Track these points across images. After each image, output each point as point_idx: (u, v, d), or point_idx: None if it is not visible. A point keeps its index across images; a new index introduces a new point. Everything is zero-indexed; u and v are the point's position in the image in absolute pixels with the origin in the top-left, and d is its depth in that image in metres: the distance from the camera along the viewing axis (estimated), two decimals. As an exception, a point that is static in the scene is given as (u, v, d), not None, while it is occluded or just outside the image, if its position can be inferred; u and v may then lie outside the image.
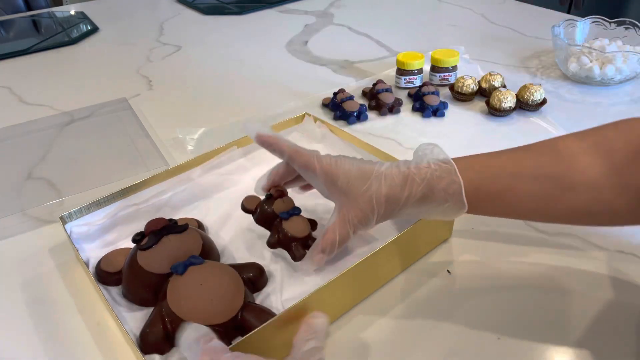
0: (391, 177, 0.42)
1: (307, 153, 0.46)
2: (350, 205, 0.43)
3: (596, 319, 0.45)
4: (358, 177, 0.43)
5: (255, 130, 0.47)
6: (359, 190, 0.43)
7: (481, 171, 0.42)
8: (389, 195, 0.42)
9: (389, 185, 0.42)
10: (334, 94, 0.79)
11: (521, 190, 0.41)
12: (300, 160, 0.46)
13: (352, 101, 0.76)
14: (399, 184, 0.42)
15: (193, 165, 0.60)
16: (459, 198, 0.41)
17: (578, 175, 0.41)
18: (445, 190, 0.41)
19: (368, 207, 0.43)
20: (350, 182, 0.43)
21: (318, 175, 0.44)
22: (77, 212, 0.53)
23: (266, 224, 0.49)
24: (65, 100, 0.85)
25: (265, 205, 0.49)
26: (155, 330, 0.42)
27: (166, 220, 0.49)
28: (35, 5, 1.52)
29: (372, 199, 0.42)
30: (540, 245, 0.53)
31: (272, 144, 0.47)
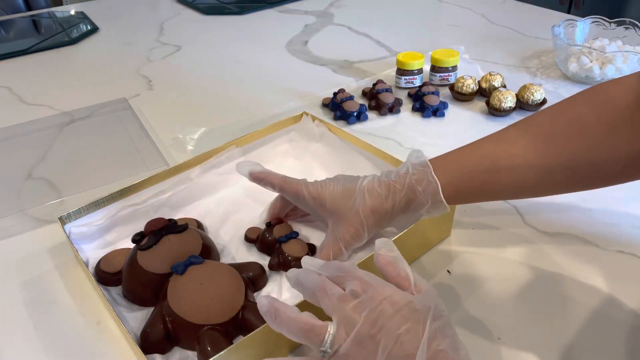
0: (374, 190, 0.45)
1: (295, 182, 0.49)
2: (340, 223, 0.46)
3: (596, 319, 0.45)
4: (343, 196, 0.46)
5: (248, 169, 0.51)
6: (345, 207, 0.46)
7: (457, 170, 0.44)
8: (374, 207, 0.45)
9: (374, 197, 0.45)
10: (334, 94, 0.79)
11: (498, 182, 0.44)
12: (289, 189, 0.49)
13: (352, 101, 0.76)
14: (383, 194, 0.45)
15: (192, 165, 0.59)
16: (437, 198, 0.44)
17: (554, 159, 0.42)
18: (424, 192, 0.44)
19: (357, 221, 0.45)
20: (336, 201, 0.46)
21: (307, 200, 0.48)
22: (76, 212, 0.53)
23: (268, 250, 0.52)
24: (65, 100, 0.85)
25: (266, 233, 0.52)
26: (155, 330, 0.42)
27: (166, 220, 0.49)
28: (35, 5, 1.52)
29: (360, 214, 0.45)
30: (540, 245, 0.53)
31: (264, 179, 0.51)
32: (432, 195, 0.44)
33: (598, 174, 0.43)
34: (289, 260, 0.49)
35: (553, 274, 0.49)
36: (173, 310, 0.42)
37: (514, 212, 0.57)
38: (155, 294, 0.45)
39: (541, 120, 0.45)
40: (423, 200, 0.44)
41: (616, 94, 0.43)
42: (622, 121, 0.41)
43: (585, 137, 0.42)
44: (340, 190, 0.46)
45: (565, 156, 0.42)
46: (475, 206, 0.58)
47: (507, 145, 0.44)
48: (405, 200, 0.44)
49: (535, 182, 0.44)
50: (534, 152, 0.43)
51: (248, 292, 0.45)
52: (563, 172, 0.43)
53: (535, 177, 0.43)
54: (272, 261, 0.50)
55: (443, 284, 0.49)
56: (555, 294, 0.47)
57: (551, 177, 0.43)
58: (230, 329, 0.42)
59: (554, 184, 0.44)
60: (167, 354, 0.42)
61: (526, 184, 0.44)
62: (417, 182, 0.44)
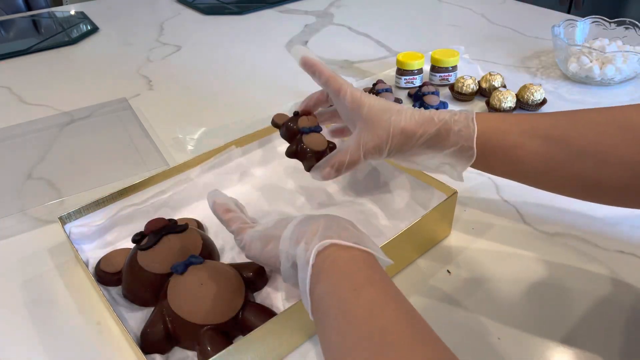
0: (411, 114, 0.45)
1: (342, 80, 0.48)
2: (368, 131, 0.46)
3: (596, 319, 0.45)
4: (381, 109, 0.46)
5: (301, 55, 0.50)
6: (379, 119, 0.46)
7: (496, 125, 0.43)
8: (405, 129, 0.45)
9: (408, 119, 0.45)
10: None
11: (530, 148, 0.42)
12: (334, 84, 0.48)
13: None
14: (418, 120, 0.45)
15: (192, 165, 0.60)
16: (469, 143, 0.43)
17: (590, 145, 0.41)
18: (458, 133, 0.44)
19: (384, 135, 0.45)
20: (373, 111, 0.46)
21: (347, 100, 0.47)
22: (76, 212, 0.53)
23: (289, 139, 0.51)
24: (65, 100, 0.85)
25: (291, 122, 0.52)
26: (155, 329, 0.42)
27: (166, 220, 0.49)
28: (35, 5, 1.52)
29: (389, 129, 0.45)
30: (541, 245, 0.53)
31: (314, 66, 0.49)
32: (466, 138, 0.43)
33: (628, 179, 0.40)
34: (305, 152, 0.48)
35: (553, 274, 0.49)
36: (173, 310, 0.42)
37: (514, 212, 0.57)
38: (155, 294, 0.45)
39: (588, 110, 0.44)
40: (453, 140, 0.44)
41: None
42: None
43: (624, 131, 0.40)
44: (382, 103, 0.47)
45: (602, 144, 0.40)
46: (475, 206, 0.58)
47: (550, 119, 0.43)
48: (435, 134, 0.44)
49: (564, 163, 0.42)
50: (573, 131, 0.42)
51: (248, 292, 0.45)
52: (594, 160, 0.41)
53: (567, 156, 0.41)
54: (289, 149, 0.50)
55: (443, 284, 0.49)
56: (555, 294, 0.47)
57: (582, 162, 0.41)
58: (230, 329, 0.42)
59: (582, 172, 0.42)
60: (167, 354, 0.42)
61: (556, 161, 0.42)
62: (455, 122, 0.44)
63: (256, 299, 0.47)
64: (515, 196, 0.59)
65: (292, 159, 0.50)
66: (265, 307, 0.44)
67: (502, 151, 0.43)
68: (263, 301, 0.46)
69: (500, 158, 0.44)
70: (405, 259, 0.50)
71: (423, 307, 0.46)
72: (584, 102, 0.80)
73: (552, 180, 0.44)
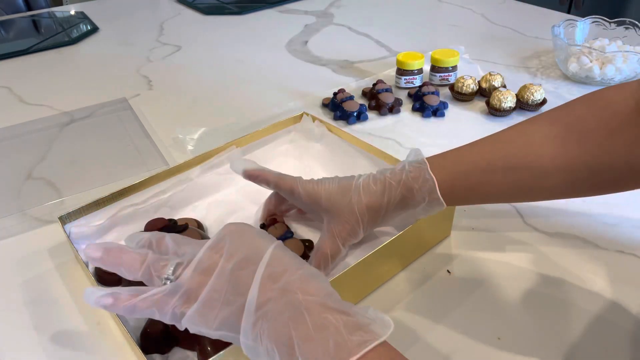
0: (369, 187, 0.45)
1: (290, 179, 0.49)
2: (336, 220, 0.46)
3: (596, 319, 0.45)
4: (338, 193, 0.46)
5: (242, 167, 0.50)
6: (340, 204, 0.45)
7: (454, 170, 0.44)
8: (369, 204, 0.45)
9: (369, 194, 0.45)
10: (334, 94, 0.79)
11: (495, 182, 0.44)
12: (284, 186, 0.48)
13: (352, 101, 0.76)
14: (378, 191, 0.45)
15: (192, 165, 0.59)
16: (434, 196, 0.44)
17: (551, 162, 0.42)
18: (420, 190, 0.44)
19: (352, 218, 0.45)
20: (332, 198, 0.46)
21: (302, 197, 0.47)
22: (76, 212, 0.53)
23: None
24: (65, 100, 0.85)
25: None
26: (155, 330, 0.42)
27: (166, 220, 0.49)
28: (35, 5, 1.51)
29: (355, 211, 0.45)
30: (540, 245, 0.53)
31: (258, 177, 0.50)
32: (429, 192, 0.44)
33: (595, 180, 0.42)
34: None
35: (553, 274, 0.49)
36: (173, 310, 0.42)
37: (514, 213, 0.57)
38: (155, 294, 0.45)
39: (540, 122, 0.44)
40: (419, 198, 0.44)
41: (616, 99, 0.42)
42: (622, 126, 0.41)
43: (584, 141, 0.41)
44: (336, 187, 0.46)
45: (563, 159, 0.42)
46: (476, 206, 0.58)
47: (503, 146, 0.44)
48: (400, 198, 0.44)
49: (531, 184, 0.43)
50: (531, 155, 0.43)
51: (248, 292, 0.45)
52: (560, 175, 0.42)
53: (531, 179, 0.43)
54: None
55: (443, 284, 0.49)
56: (555, 294, 0.47)
57: (547, 180, 0.43)
58: (230, 329, 0.42)
59: (550, 188, 0.44)
60: (167, 354, 0.42)
61: (522, 186, 0.43)
62: (413, 179, 0.44)
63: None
64: (515, 196, 0.59)
65: None
66: (265, 307, 0.44)
67: (469, 191, 0.44)
68: (263, 301, 0.46)
69: (470, 197, 0.45)
70: (405, 259, 0.50)
71: (423, 307, 0.46)
72: (584, 102, 0.80)
73: (523, 197, 0.47)
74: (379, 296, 0.48)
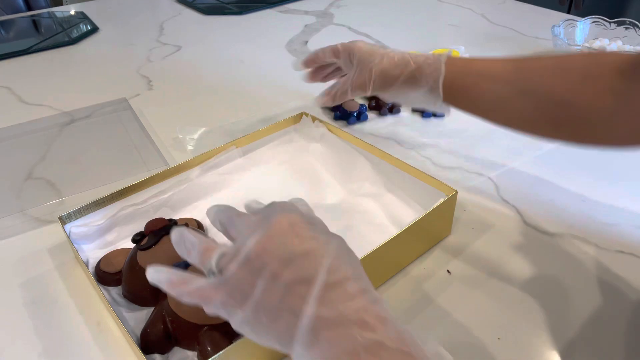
0: (391, 57, 0.54)
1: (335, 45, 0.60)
2: (356, 72, 0.57)
3: (596, 318, 0.45)
4: (367, 53, 0.56)
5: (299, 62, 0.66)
6: (364, 62, 0.56)
7: (460, 68, 0.51)
8: (384, 71, 0.54)
9: (388, 62, 0.54)
10: None
11: (483, 87, 0.49)
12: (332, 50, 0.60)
13: (352, 101, 0.76)
14: (396, 63, 0.54)
15: (192, 165, 0.60)
16: (436, 85, 0.51)
17: (530, 84, 0.46)
18: (430, 75, 0.51)
19: (367, 75, 0.55)
20: (361, 56, 0.56)
21: (340, 51, 0.58)
22: (76, 212, 0.53)
23: None
24: (65, 100, 0.85)
25: None
26: (156, 329, 0.42)
27: (166, 220, 0.49)
28: (35, 5, 1.52)
29: (372, 71, 0.55)
30: (540, 244, 0.53)
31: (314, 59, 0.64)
32: (434, 80, 0.51)
33: (566, 116, 0.45)
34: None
35: (553, 274, 0.49)
36: (173, 310, 0.42)
37: (514, 212, 0.57)
38: (155, 294, 0.45)
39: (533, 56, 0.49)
40: (424, 82, 0.52)
41: (608, 56, 0.45)
42: (603, 74, 0.43)
43: (566, 76, 0.45)
44: (368, 48, 0.56)
45: (542, 85, 0.46)
46: (476, 206, 0.58)
47: (503, 62, 0.49)
48: (410, 75, 0.52)
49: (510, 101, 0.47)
50: (515, 73, 0.48)
51: (248, 292, 0.45)
52: (535, 99, 0.46)
53: (511, 95, 0.47)
54: None
55: (443, 284, 0.49)
56: (555, 294, 0.47)
57: (522, 100, 0.46)
58: (230, 329, 0.42)
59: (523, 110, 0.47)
60: (167, 354, 0.42)
61: (501, 100, 0.48)
62: (428, 65, 0.52)
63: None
64: (515, 196, 0.59)
65: None
66: (265, 307, 0.44)
67: (463, 90, 0.51)
68: (263, 301, 0.46)
69: (461, 96, 0.51)
70: (405, 258, 0.50)
71: (423, 307, 0.46)
72: (584, 102, 0.79)
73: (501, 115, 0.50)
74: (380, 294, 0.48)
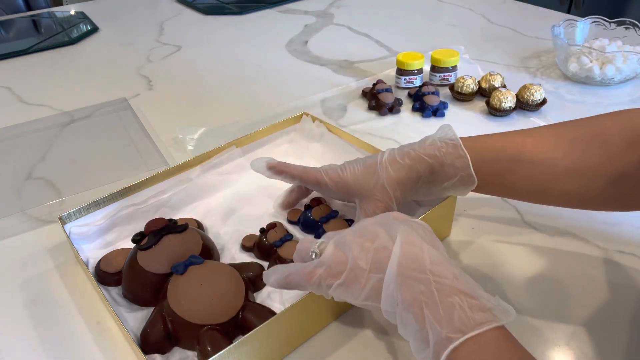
0: (396, 162, 0.46)
1: (314, 171, 0.50)
2: (369, 201, 0.46)
3: (596, 318, 0.45)
4: (365, 174, 0.47)
5: (264, 162, 0.51)
6: (369, 185, 0.46)
7: (483, 153, 0.45)
8: (399, 179, 0.45)
9: (397, 169, 0.46)
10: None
11: (520, 173, 0.45)
12: (310, 179, 0.50)
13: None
14: (407, 165, 0.45)
15: (192, 165, 0.59)
16: (467, 172, 0.45)
17: (573, 163, 0.43)
18: (453, 165, 0.45)
19: (385, 196, 0.46)
20: (359, 181, 0.47)
21: (330, 186, 0.48)
22: (76, 212, 0.53)
23: (266, 256, 0.51)
24: (65, 100, 0.85)
25: (262, 238, 0.52)
26: (156, 330, 0.42)
27: (166, 220, 0.49)
28: (35, 5, 1.51)
29: (386, 188, 0.45)
30: (540, 245, 0.53)
31: (283, 171, 0.51)
32: (462, 168, 0.45)
33: (609, 191, 0.44)
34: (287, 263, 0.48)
35: (553, 274, 0.49)
36: (173, 310, 0.42)
37: (513, 212, 0.57)
38: (155, 294, 0.45)
39: (568, 125, 0.46)
40: (450, 173, 0.45)
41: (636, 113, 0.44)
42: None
43: (606, 147, 0.43)
44: (361, 169, 0.47)
45: (585, 162, 0.43)
46: (475, 206, 0.58)
47: (534, 140, 0.45)
48: (429, 172, 0.45)
49: (552, 183, 0.44)
50: (558, 152, 0.44)
51: (248, 292, 0.45)
52: (579, 179, 0.44)
53: (554, 177, 0.44)
54: (270, 267, 0.49)
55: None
56: (555, 293, 0.47)
57: (568, 181, 0.44)
58: (230, 329, 0.42)
59: (567, 190, 0.45)
60: (167, 354, 0.42)
61: (545, 182, 0.45)
62: (445, 155, 0.45)
63: (256, 299, 0.47)
64: (515, 196, 0.59)
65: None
66: (265, 307, 0.44)
67: (495, 178, 0.46)
68: (263, 301, 0.46)
69: (494, 183, 0.46)
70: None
71: (423, 307, 0.46)
72: (584, 102, 0.80)
73: (543, 197, 0.47)
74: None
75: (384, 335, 0.44)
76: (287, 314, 0.40)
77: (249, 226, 0.54)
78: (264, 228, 0.52)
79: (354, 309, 0.46)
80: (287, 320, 0.41)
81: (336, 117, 0.78)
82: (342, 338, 0.44)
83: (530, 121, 0.74)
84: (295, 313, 0.41)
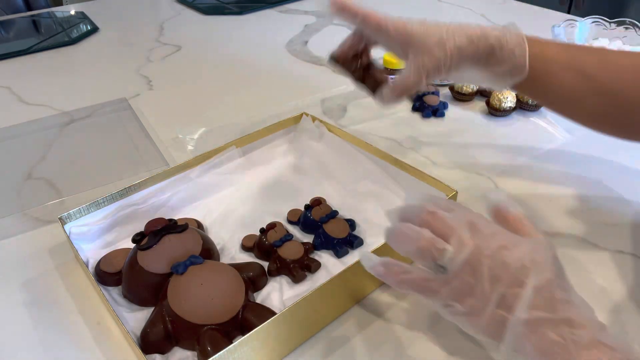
0: (464, 30, 0.45)
1: (378, 15, 0.48)
2: (425, 53, 0.45)
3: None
4: (430, 30, 0.46)
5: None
6: (432, 40, 0.45)
7: (539, 51, 0.46)
8: (460, 44, 0.45)
9: (462, 35, 0.45)
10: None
11: (562, 79, 0.46)
12: (372, 21, 0.48)
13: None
14: (472, 36, 0.45)
15: (192, 165, 0.59)
16: (522, 61, 0.45)
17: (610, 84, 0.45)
18: (512, 51, 0.45)
19: (442, 54, 0.45)
20: (423, 33, 0.46)
21: (390, 32, 0.47)
22: (76, 212, 0.53)
23: (266, 256, 0.51)
24: (65, 100, 0.85)
25: (262, 238, 0.52)
26: (156, 330, 0.42)
27: (166, 220, 0.49)
28: (35, 5, 1.52)
29: (446, 48, 0.45)
30: (540, 245, 0.53)
31: (346, 8, 0.48)
32: (518, 58, 0.45)
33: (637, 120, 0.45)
34: (287, 264, 0.49)
35: (553, 274, 0.49)
36: (173, 310, 0.42)
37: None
38: (155, 294, 0.45)
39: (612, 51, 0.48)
40: (507, 58, 0.45)
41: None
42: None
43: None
44: (426, 26, 0.47)
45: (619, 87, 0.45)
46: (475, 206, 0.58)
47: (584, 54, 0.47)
48: (488, 50, 0.45)
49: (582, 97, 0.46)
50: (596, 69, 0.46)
51: (248, 292, 0.45)
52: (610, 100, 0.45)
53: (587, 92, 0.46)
54: (270, 267, 0.49)
55: (443, 284, 0.49)
56: (555, 294, 0.47)
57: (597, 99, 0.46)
58: (230, 329, 0.42)
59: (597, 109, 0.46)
60: (167, 354, 0.42)
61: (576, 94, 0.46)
62: (508, 41, 0.45)
63: (256, 299, 0.47)
64: (515, 196, 0.59)
65: (274, 276, 0.49)
66: (265, 307, 0.44)
67: (539, 76, 0.46)
68: (263, 301, 0.46)
69: (535, 82, 0.46)
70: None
71: (423, 308, 0.46)
72: (584, 102, 0.80)
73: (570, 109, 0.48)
74: (379, 295, 0.48)
75: (386, 335, 0.44)
76: (287, 314, 0.40)
77: (249, 226, 0.54)
78: (264, 228, 0.53)
79: (354, 309, 0.46)
80: (287, 320, 0.41)
81: (336, 117, 0.78)
82: (342, 338, 0.44)
83: (530, 121, 0.74)
84: (295, 313, 0.41)
